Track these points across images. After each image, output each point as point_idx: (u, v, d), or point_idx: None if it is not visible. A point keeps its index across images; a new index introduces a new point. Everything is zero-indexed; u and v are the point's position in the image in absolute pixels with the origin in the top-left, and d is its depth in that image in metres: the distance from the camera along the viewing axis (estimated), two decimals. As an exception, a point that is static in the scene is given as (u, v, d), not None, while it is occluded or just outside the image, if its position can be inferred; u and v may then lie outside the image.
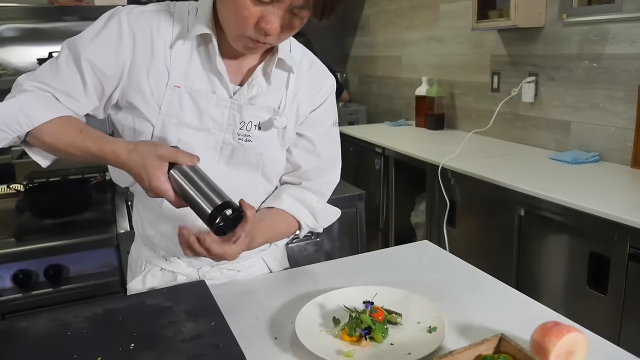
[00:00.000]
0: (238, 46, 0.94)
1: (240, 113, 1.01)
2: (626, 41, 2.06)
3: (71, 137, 0.92)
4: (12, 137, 0.92)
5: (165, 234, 1.10)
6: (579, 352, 0.77)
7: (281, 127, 1.05)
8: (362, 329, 0.86)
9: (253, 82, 1.01)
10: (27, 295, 1.81)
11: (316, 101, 1.11)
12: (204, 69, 0.99)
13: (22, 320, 0.90)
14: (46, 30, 2.55)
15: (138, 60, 0.96)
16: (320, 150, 1.14)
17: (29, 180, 2.18)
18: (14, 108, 0.92)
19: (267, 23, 0.87)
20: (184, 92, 0.98)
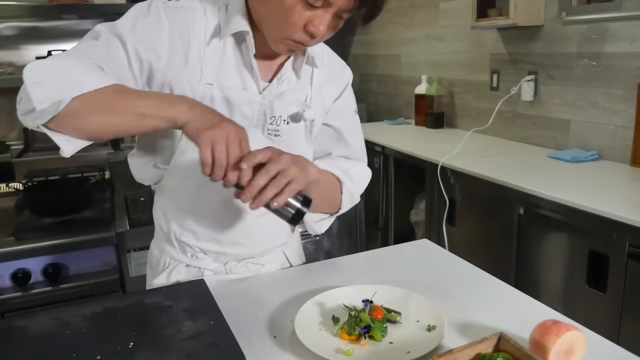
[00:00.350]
0: (279, 48, 0.95)
1: (271, 108, 1.02)
2: (626, 39, 2.06)
3: (133, 93, 0.87)
4: (53, 101, 0.80)
5: (193, 231, 1.11)
6: (578, 351, 0.77)
7: (310, 119, 1.07)
8: (362, 327, 0.86)
9: (282, 78, 1.03)
10: (26, 294, 1.81)
11: (338, 90, 1.14)
12: (236, 65, 1.00)
13: (21, 319, 0.90)
14: (45, 29, 2.55)
15: (175, 56, 0.96)
16: (347, 137, 1.18)
17: (28, 179, 2.18)
18: (67, 69, 0.84)
19: (315, 27, 0.88)
20: (215, 89, 0.98)
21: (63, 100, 0.80)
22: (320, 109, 1.11)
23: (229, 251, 1.13)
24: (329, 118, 1.15)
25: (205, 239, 1.11)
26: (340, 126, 1.17)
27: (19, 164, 2.51)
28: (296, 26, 0.89)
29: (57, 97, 0.80)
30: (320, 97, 1.10)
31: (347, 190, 1.14)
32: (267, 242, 1.18)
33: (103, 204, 2.18)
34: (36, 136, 2.71)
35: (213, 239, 1.11)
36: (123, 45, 0.92)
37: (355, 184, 1.17)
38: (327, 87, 1.12)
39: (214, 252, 1.13)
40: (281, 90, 1.04)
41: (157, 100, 0.86)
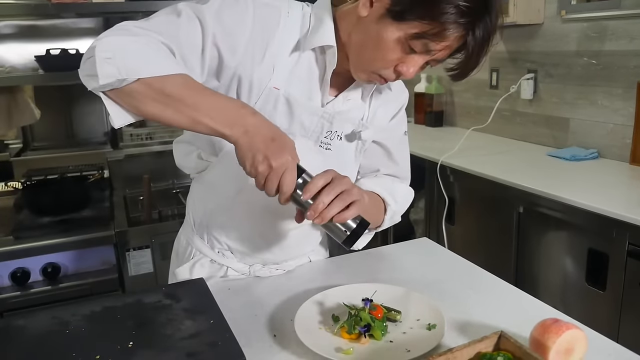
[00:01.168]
0: (360, 77, 0.95)
1: (331, 122, 1.02)
2: (625, 38, 2.05)
3: (199, 92, 0.84)
4: (118, 78, 0.80)
5: (225, 228, 1.10)
6: (578, 349, 0.77)
7: (366, 139, 1.07)
8: (362, 326, 0.86)
9: (349, 97, 1.03)
10: (25, 293, 1.81)
11: (394, 111, 1.13)
12: (307, 75, 0.98)
13: (20, 318, 0.89)
14: (44, 27, 2.54)
15: (253, 52, 0.94)
16: (396, 157, 1.18)
17: (26, 178, 2.19)
18: (139, 48, 0.82)
19: (406, 69, 0.89)
20: (281, 95, 0.97)
21: (127, 79, 0.80)
22: (375, 129, 1.09)
23: (258, 254, 1.12)
24: (380, 136, 1.13)
25: (236, 238, 1.10)
26: (391, 146, 1.16)
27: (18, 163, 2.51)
28: (389, 64, 0.89)
29: (122, 75, 0.80)
30: (376, 117, 1.09)
31: (391, 211, 1.15)
32: (297, 251, 1.17)
33: (102, 203, 2.18)
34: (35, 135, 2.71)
35: (244, 241, 1.10)
36: (203, 31, 0.89)
37: (398, 205, 1.17)
38: (385, 107, 1.11)
39: (241, 252, 1.12)
40: (344, 109, 1.03)
41: (216, 110, 0.82)
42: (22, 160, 2.54)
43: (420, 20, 0.83)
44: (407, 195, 1.22)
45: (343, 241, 0.88)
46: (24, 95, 2.40)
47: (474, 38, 0.85)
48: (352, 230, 0.87)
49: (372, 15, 0.88)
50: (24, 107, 2.41)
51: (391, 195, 1.14)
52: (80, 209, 2.08)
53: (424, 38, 0.85)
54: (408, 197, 1.22)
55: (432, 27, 0.83)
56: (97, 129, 2.74)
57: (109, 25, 0.98)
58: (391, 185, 1.17)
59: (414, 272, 1.15)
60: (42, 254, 1.82)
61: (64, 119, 2.65)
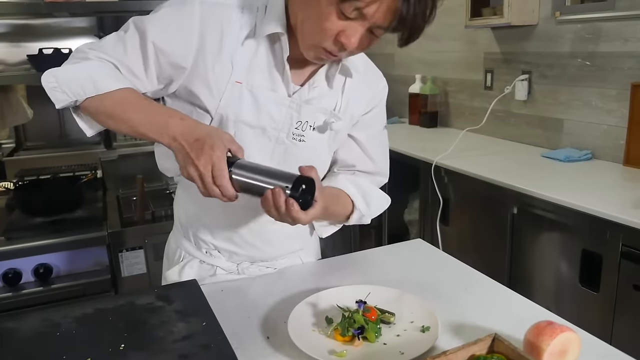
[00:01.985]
0: (309, 55, 0.95)
1: (299, 112, 1.02)
2: (619, 39, 2.06)
3: (135, 104, 0.92)
4: (70, 101, 0.92)
5: (209, 228, 1.12)
6: (572, 352, 0.77)
7: (337, 130, 1.07)
8: (355, 328, 0.85)
9: (315, 84, 1.03)
10: (17, 295, 1.80)
11: (369, 104, 1.13)
12: (267, 66, 0.99)
13: (10, 320, 0.89)
14: (37, 26, 2.52)
15: (206, 51, 0.95)
16: (372, 152, 1.17)
17: (19, 178, 2.17)
18: (81, 73, 0.92)
19: (346, 38, 0.88)
20: (244, 88, 0.98)
21: (78, 100, 0.92)
22: (347, 120, 1.09)
23: (243, 252, 1.13)
24: (355, 130, 1.13)
25: (221, 237, 1.12)
26: (366, 140, 1.15)
27: (10, 163, 2.49)
28: (328, 34, 0.88)
29: (72, 97, 0.91)
30: (349, 108, 1.08)
31: (359, 213, 1.14)
32: (283, 248, 1.18)
33: (95, 203, 2.17)
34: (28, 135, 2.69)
35: (228, 238, 1.12)
36: (143, 46, 0.94)
37: (370, 209, 1.16)
38: (359, 98, 1.10)
39: (227, 251, 1.14)
40: (311, 97, 1.03)
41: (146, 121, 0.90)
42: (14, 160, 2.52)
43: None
44: (382, 202, 1.21)
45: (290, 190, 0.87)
46: (17, 95, 2.38)
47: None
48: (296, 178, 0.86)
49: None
50: (17, 107, 2.39)
51: (363, 198, 1.14)
52: (73, 209, 2.07)
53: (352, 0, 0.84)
54: (383, 204, 1.21)
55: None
56: (91, 128, 2.72)
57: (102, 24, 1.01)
58: (367, 189, 1.16)
59: (408, 274, 1.14)
60: (34, 255, 1.81)
61: (56, 119, 2.63)
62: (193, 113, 0.99)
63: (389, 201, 1.23)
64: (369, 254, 1.29)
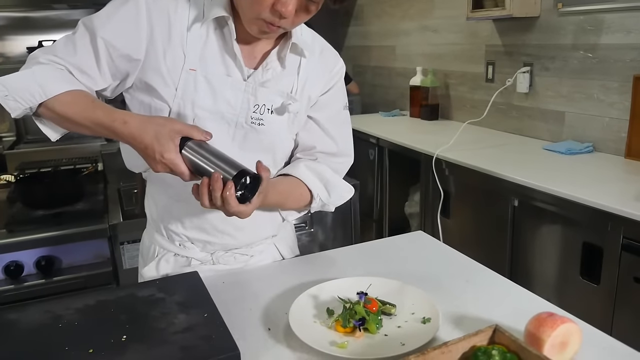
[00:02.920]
0: (252, 30, 0.95)
1: (255, 96, 1.02)
2: (621, 31, 2.05)
3: (83, 108, 0.92)
4: (24, 108, 0.92)
5: (180, 219, 1.12)
6: (573, 343, 0.77)
7: (295, 112, 1.07)
8: (356, 320, 0.86)
9: (268, 66, 1.03)
10: (19, 287, 1.80)
11: (326, 84, 1.12)
12: (219, 52, 1.00)
13: (13, 312, 0.89)
14: (36, 19, 2.52)
15: (156, 42, 0.96)
16: (332, 132, 1.16)
17: (20, 171, 2.17)
18: (28, 79, 0.92)
19: (282, 6, 0.88)
20: (199, 75, 0.98)
21: (32, 107, 0.92)
22: (305, 102, 1.09)
23: (216, 240, 1.14)
24: (314, 111, 1.13)
25: (192, 227, 1.12)
26: (326, 121, 1.14)
27: (11, 156, 2.49)
28: (263, 5, 0.89)
29: (25, 104, 0.91)
30: (306, 89, 1.09)
31: (320, 202, 1.15)
32: (255, 233, 1.17)
33: (96, 196, 2.17)
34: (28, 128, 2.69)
35: (199, 228, 1.12)
36: (93, 43, 0.95)
37: (331, 198, 1.16)
38: (316, 79, 1.10)
39: (200, 241, 1.14)
40: (266, 79, 1.03)
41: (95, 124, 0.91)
42: (15, 153, 2.52)
43: None
44: (345, 191, 1.20)
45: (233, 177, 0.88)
46: (17, 88, 2.37)
47: None
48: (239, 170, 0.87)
49: None
50: (17, 100, 2.39)
51: (325, 187, 1.14)
52: (74, 202, 2.07)
53: None
54: (345, 193, 1.20)
55: None
56: (91, 121, 2.72)
57: None
58: (329, 177, 1.15)
59: (409, 266, 1.15)
60: (35, 247, 1.81)
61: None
62: (151, 105, 1.00)
63: (352, 191, 1.21)
64: (370, 246, 1.29)
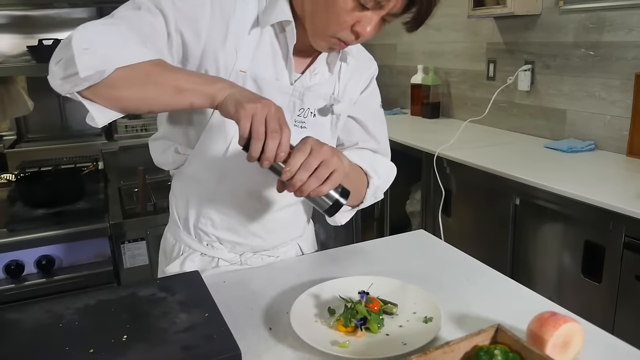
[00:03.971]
0: (320, 44, 0.94)
1: (301, 100, 1.02)
2: (623, 29, 2.04)
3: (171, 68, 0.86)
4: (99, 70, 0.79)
5: (211, 219, 1.10)
6: (575, 342, 0.77)
7: (338, 113, 1.07)
8: (358, 319, 0.85)
9: (315, 71, 1.03)
10: (19, 286, 1.80)
11: (364, 83, 1.13)
12: (271, 55, 0.99)
13: (13, 311, 0.89)
14: (36, 17, 2.51)
15: (214, 35, 0.94)
16: (372, 129, 1.17)
17: (20, 170, 2.17)
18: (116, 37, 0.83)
19: (362, 27, 0.88)
20: (248, 77, 0.97)
21: (107, 70, 0.79)
22: (347, 103, 1.10)
23: (246, 242, 1.13)
24: (354, 110, 1.14)
25: (223, 228, 1.11)
26: (366, 119, 1.16)
27: (12, 155, 2.49)
28: (344, 25, 0.89)
29: (102, 66, 0.79)
30: (347, 91, 1.09)
31: (374, 185, 1.13)
32: (284, 235, 1.18)
33: (96, 195, 2.17)
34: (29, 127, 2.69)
35: (231, 229, 1.11)
36: (165, 20, 0.90)
37: (381, 180, 1.15)
38: (355, 80, 1.11)
39: (230, 242, 1.13)
40: (312, 83, 1.03)
41: (197, 76, 0.86)
42: (15, 152, 2.52)
43: None
44: (390, 170, 1.21)
45: (325, 210, 0.89)
46: (17, 87, 2.38)
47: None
48: (334, 201, 0.88)
49: None
50: (17, 98, 2.39)
51: (373, 169, 1.13)
52: (75, 201, 2.07)
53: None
54: (390, 172, 1.21)
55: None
56: (92, 120, 2.72)
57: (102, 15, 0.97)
58: (373, 159, 1.16)
59: (411, 265, 1.14)
60: (36, 247, 1.81)
61: (58, 111, 2.63)
62: None
63: (395, 170, 1.22)
64: (371, 245, 1.28)
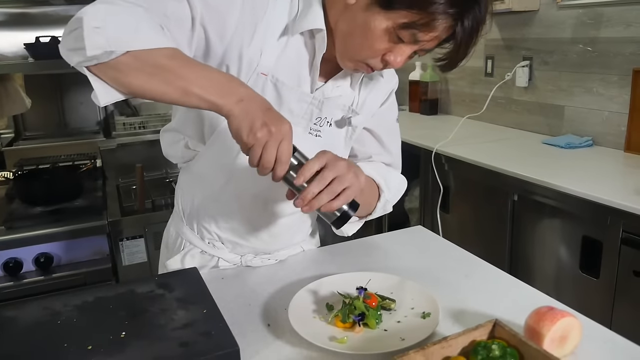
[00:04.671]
0: (347, 65, 0.94)
1: (320, 109, 1.00)
2: (620, 24, 2.04)
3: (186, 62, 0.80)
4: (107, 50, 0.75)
5: (215, 218, 1.09)
6: (573, 337, 0.77)
7: (356, 125, 1.06)
8: (356, 315, 0.85)
9: (338, 84, 1.01)
10: (18, 284, 1.80)
11: (384, 96, 1.12)
12: (297, 61, 0.96)
13: (11, 309, 0.88)
14: (33, 15, 2.50)
15: (242, 33, 0.91)
16: (387, 143, 1.16)
17: (18, 168, 2.17)
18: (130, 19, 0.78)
19: (393, 58, 0.88)
20: (269, 81, 0.95)
21: (116, 51, 0.76)
22: (365, 115, 1.08)
23: (248, 244, 1.12)
24: (371, 123, 1.12)
25: (226, 228, 1.10)
26: (381, 132, 1.15)
27: (9, 153, 2.49)
28: (377, 53, 0.88)
29: (111, 47, 0.75)
30: (366, 103, 1.08)
31: (384, 199, 1.13)
32: (288, 240, 1.17)
33: (95, 192, 2.17)
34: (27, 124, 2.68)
35: (234, 230, 1.10)
36: (191, 10, 0.86)
37: (391, 194, 1.15)
38: (375, 93, 1.09)
39: (232, 242, 1.12)
40: (333, 94, 1.01)
41: (209, 80, 0.79)
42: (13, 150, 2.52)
43: (409, 10, 0.82)
44: (401, 184, 1.21)
45: (332, 222, 0.88)
46: (14, 84, 2.37)
47: (462, 29, 0.85)
48: (342, 213, 0.87)
49: (360, 3, 0.86)
50: (15, 96, 2.38)
51: (386, 183, 1.13)
52: (73, 198, 2.07)
53: (413, 28, 0.83)
54: (401, 186, 1.21)
55: (420, 17, 0.82)
56: (90, 118, 2.71)
57: None
58: (386, 173, 1.15)
59: (409, 261, 1.14)
60: (34, 244, 1.81)
61: (55, 108, 2.62)
62: None
63: (405, 183, 1.21)
64: (370, 241, 1.29)
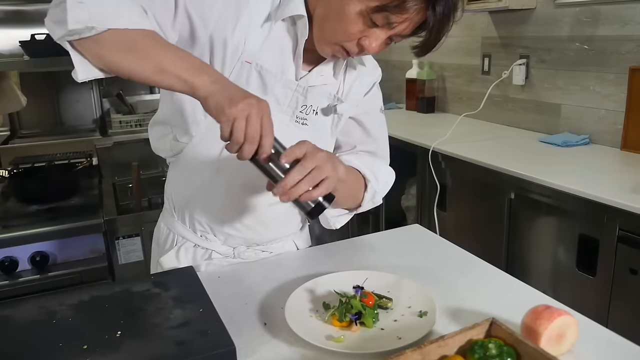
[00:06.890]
0: (324, 50, 0.94)
1: (305, 96, 1.01)
2: (617, 22, 2.04)
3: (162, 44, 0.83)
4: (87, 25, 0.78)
5: (206, 210, 1.10)
6: (569, 335, 0.77)
7: (341, 113, 1.07)
8: (353, 314, 0.85)
9: (322, 73, 1.02)
10: (14, 283, 1.80)
11: (367, 86, 1.13)
12: (279, 48, 0.97)
13: (6, 308, 0.88)
14: (28, 12, 2.49)
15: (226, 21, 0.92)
16: (372, 132, 1.17)
17: (14, 166, 2.16)
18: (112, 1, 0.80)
19: (368, 43, 0.89)
20: (253, 69, 0.96)
21: (97, 27, 0.78)
22: (350, 104, 1.09)
23: (240, 235, 1.13)
24: (356, 112, 1.13)
25: (218, 219, 1.11)
26: (367, 121, 1.16)
27: (5, 151, 2.48)
28: (352, 37, 0.89)
29: (92, 22, 0.78)
30: (351, 92, 1.09)
31: (372, 189, 1.13)
32: (279, 231, 1.17)
33: (90, 190, 2.16)
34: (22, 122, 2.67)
35: (225, 221, 1.11)
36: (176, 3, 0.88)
37: (379, 184, 1.15)
38: (358, 82, 1.10)
39: (224, 234, 1.13)
40: (318, 82, 1.03)
41: (183, 60, 0.81)
42: (9, 148, 2.51)
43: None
44: (388, 175, 1.20)
45: (307, 212, 0.88)
46: (10, 82, 2.36)
47: (434, 13, 0.87)
48: (317, 204, 0.87)
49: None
50: (10, 94, 2.37)
51: (372, 173, 1.13)
52: (69, 197, 2.06)
53: (385, 11, 0.85)
54: (389, 178, 1.20)
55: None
56: (86, 116, 2.71)
57: None
58: (372, 163, 1.15)
59: (406, 259, 1.14)
60: (30, 243, 1.81)
61: (51, 106, 2.61)
62: None
63: (393, 175, 1.22)
64: (366, 240, 1.28)
